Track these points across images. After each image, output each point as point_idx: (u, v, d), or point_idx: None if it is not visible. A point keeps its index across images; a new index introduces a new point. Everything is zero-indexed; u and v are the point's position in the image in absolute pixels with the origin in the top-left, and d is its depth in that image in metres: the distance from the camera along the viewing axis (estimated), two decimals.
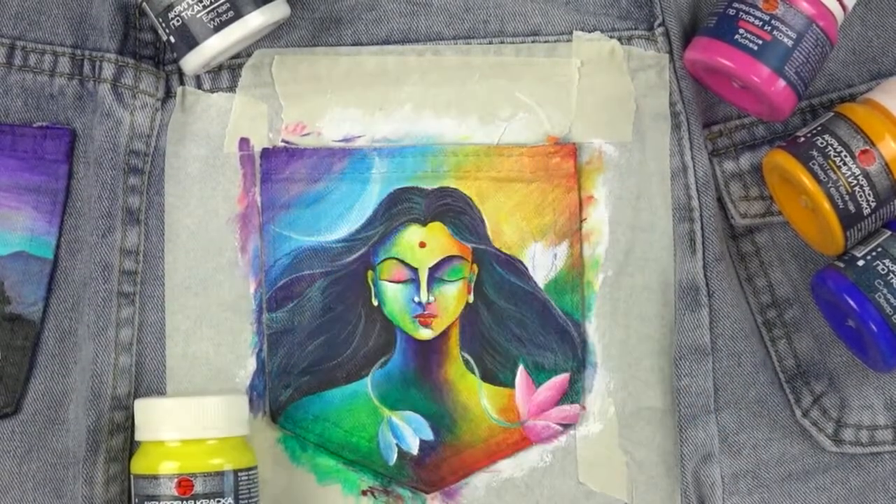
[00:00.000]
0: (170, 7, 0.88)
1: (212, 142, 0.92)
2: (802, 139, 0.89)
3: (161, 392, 0.91)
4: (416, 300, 0.91)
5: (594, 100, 0.92)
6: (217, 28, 0.88)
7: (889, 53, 0.94)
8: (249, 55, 0.92)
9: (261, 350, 0.91)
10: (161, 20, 0.89)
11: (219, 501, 0.84)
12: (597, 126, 0.92)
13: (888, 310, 0.87)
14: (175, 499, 0.84)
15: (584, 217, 0.92)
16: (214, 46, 0.88)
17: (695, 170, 0.92)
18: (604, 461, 0.91)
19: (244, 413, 0.87)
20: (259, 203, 0.92)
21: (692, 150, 0.92)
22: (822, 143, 0.88)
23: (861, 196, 0.87)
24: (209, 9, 0.87)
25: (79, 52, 0.92)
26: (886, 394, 0.92)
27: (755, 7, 0.88)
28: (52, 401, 0.90)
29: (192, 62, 0.89)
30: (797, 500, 0.92)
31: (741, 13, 0.88)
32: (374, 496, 0.91)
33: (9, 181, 0.91)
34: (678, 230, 0.91)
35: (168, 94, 0.92)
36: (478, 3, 0.93)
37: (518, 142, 0.92)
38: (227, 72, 0.92)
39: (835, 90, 0.94)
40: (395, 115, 0.92)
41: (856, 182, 0.87)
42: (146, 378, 0.91)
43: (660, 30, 0.92)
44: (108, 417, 0.89)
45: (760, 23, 0.88)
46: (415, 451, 0.91)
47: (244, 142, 0.92)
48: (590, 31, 0.93)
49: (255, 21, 0.88)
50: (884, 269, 0.87)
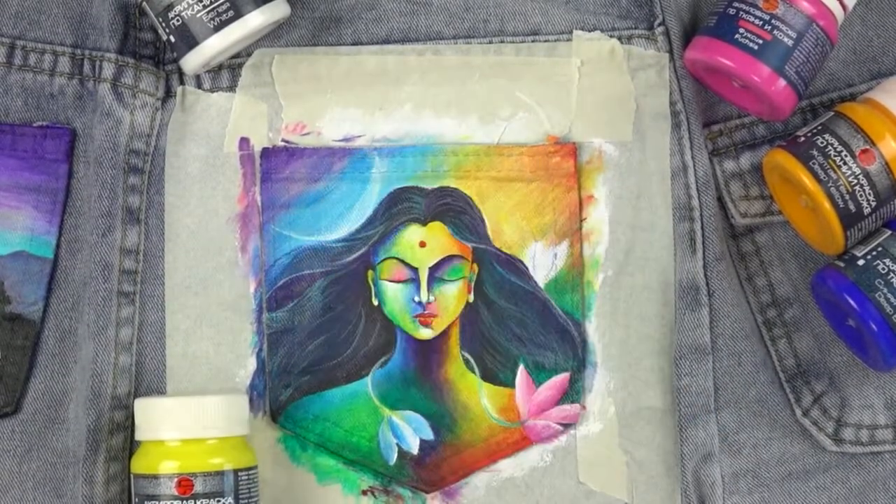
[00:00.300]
0: (170, 6, 0.88)
1: (212, 141, 0.92)
2: (803, 139, 0.89)
3: (161, 391, 0.91)
4: (417, 300, 0.91)
5: (594, 99, 0.92)
6: (217, 28, 0.88)
7: (889, 53, 0.94)
8: (249, 55, 0.92)
9: (261, 350, 0.91)
10: (161, 20, 0.88)
11: (219, 501, 0.84)
12: (597, 125, 0.92)
13: (888, 309, 0.87)
14: (175, 498, 0.84)
15: (585, 216, 0.92)
16: (214, 46, 0.88)
17: (695, 169, 0.91)
18: (604, 461, 0.91)
19: (244, 413, 0.87)
20: (259, 202, 0.92)
21: (692, 150, 0.92)
22: (823, 143, 0.88)
23: (861, 195, 0.87)
24: (209, 8, 0.87)
25: (79, 52, 0.92)
26: (887, 393, 0.92)
27: (755, 6, 0.88)
28: (52, 400, 0.90)
29: (192, 62, 0.89)
30: (797, 500, 0.92)
31: (741, 12, 0.88)
32: (375, 496, 0.91)
33: (9, 181, 0.91)
34: (678, 230, 0.91)
35: (168, 94, 0.92)
36: (478, 3, 0.93)
37: (518, 141, 0.92)
38: (227, 71, 0.92)
39: (835, 90, 0.94)
40: (395, 115, 0.92)
41: (856, 181, 0.87)
42: (146, 377, 0.91)
43: (660, 29, 0.92)
44: (108, 417, 0.89)
45: (761, 22, 0.88)
46: (415, 451, 0.91)
47: (244, 141, 0.92)
48: (590, 31, 0.92)
49: (255, 20, 0.88)
50: (884, 269, 0.87)
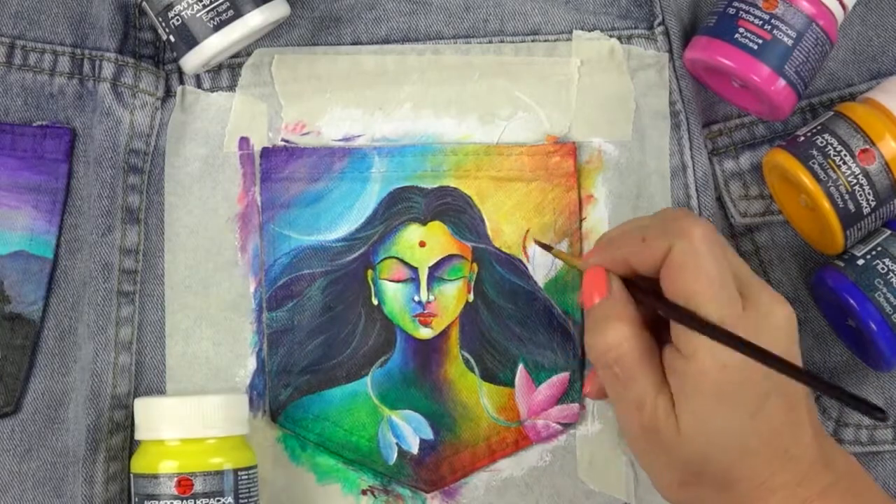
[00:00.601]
0: (169, 6, 0.88)
1: (211, 141, 0.92)
2: (802, 138, 0.89)
3: (161, 391, 0.91)
4: (416, 299, 0.91)
5: (594, 99, 0.92)
6: (217, 27, 0.88)
7: (889, 53, 0.94)
8: (249, 54, 0.92)
9: (261, 349, 0.91)
10: (161, 19, 0.89)
11: (219, 500, 0.84)
12: (596, 125, 0.92)
13: (888, 309, 0.87)
14: (175, 498, 0.84)
15: (584, 216, 0.92)
16: (214, 45, 0.88)
17: (694, 169, 0.92)
18: (604, 460, 0.91)
19: (244, 412, 0.87)
20: (259, 202, 0.92)
21: (692, 150, 0.92)
22: (822, 143, 0.88)
23: (861, 195, 0.87)
24: (209, 8, 0.87)
25: (78, 52, 0.92)
26: (886, 393, 0.92)
27: (755, 6, 0.88)
28: (52, 400, 0.90)
29: (192, 61, 0.89)
30: None
31: (741, 12, 0.88)
32: (374, 495, 0.91)
33: (9, 180, 0.91)
34: None
35: (168, 94, 0.92)
36: (477, 3, 0.93)
37: (518, 141, 0.92)
38: (227, 71, 0.92)
39: (835, 89, 0.94)
40: (395, 115, 0.92)
41: (855, 181, 0.87)
42: (146, 377, 0.91)
43: (659, 29, 0.92)
44: (108, 416, 0.89)
45: (760, 22, 0.88)
46: (415, 451, 0.91)
47: (244, 141, 0.92)
48: (589, 31, 0.92)
49: (255, 20, 0.88)
50: (884, 269, 0.87)
